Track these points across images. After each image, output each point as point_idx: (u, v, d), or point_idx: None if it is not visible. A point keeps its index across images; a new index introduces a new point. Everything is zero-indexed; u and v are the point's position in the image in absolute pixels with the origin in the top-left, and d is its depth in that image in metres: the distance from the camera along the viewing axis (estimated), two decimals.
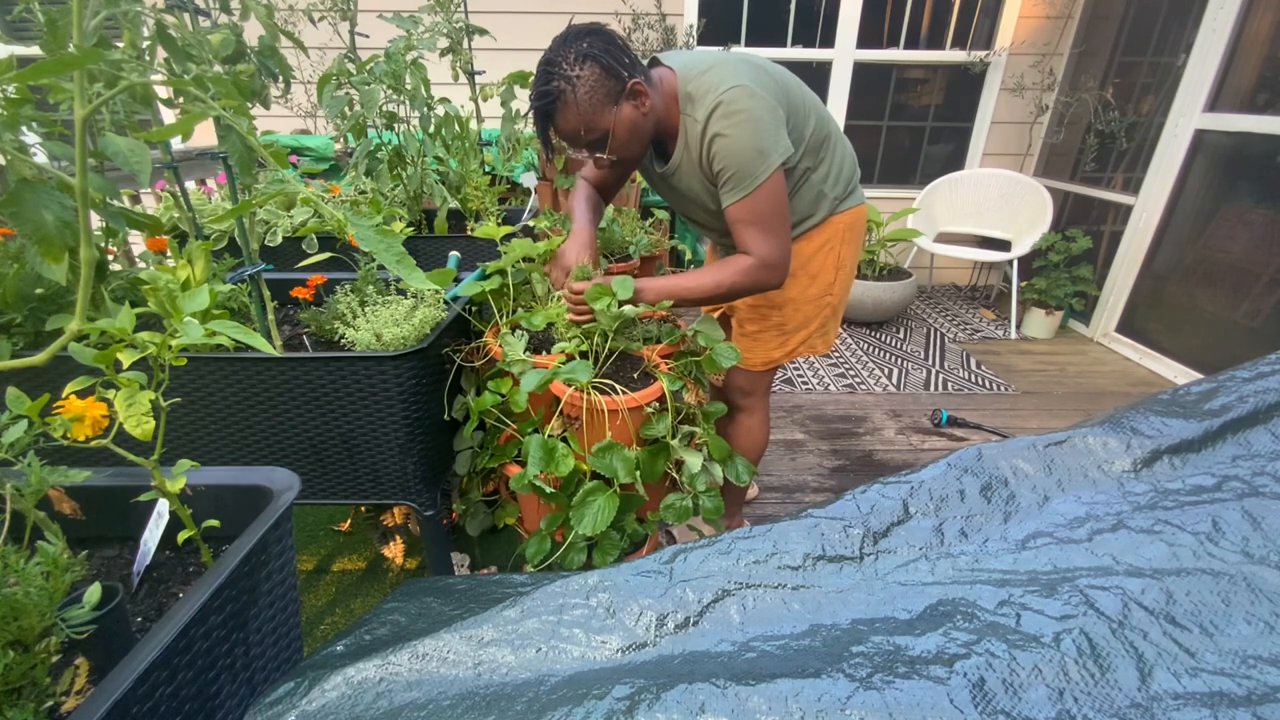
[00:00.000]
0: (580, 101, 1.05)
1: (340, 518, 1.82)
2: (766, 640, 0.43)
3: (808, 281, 1.37)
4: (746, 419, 1.55)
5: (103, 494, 0.79)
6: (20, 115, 0.82)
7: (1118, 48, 3.22)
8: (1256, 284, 2.51)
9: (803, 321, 1.41)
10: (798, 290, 1.37)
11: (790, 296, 1.38)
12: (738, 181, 1.13)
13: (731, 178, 1.13)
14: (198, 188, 2.20)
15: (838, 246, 1.35)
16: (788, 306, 1.39)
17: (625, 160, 1.19)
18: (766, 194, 1.13)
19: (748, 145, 1.10)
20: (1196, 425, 0.51)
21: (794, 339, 1.42)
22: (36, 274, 1.02)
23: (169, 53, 0.99)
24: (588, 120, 1.08)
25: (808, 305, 1.39)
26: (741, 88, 1.10)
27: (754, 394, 1.52)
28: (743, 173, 1.12)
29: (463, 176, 2.16)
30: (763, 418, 1.56)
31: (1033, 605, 0.40)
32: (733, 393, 1.54)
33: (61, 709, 0.59)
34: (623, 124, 1.10)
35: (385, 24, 1.95)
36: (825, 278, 1.37)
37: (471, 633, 0.49)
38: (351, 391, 1.12)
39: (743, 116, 1.09)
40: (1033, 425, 2.52)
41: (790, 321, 1.41)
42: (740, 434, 1.56)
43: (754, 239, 1.17)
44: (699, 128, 1.13)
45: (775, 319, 1.41)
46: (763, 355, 1.44)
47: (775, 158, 1.12)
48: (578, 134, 1.10)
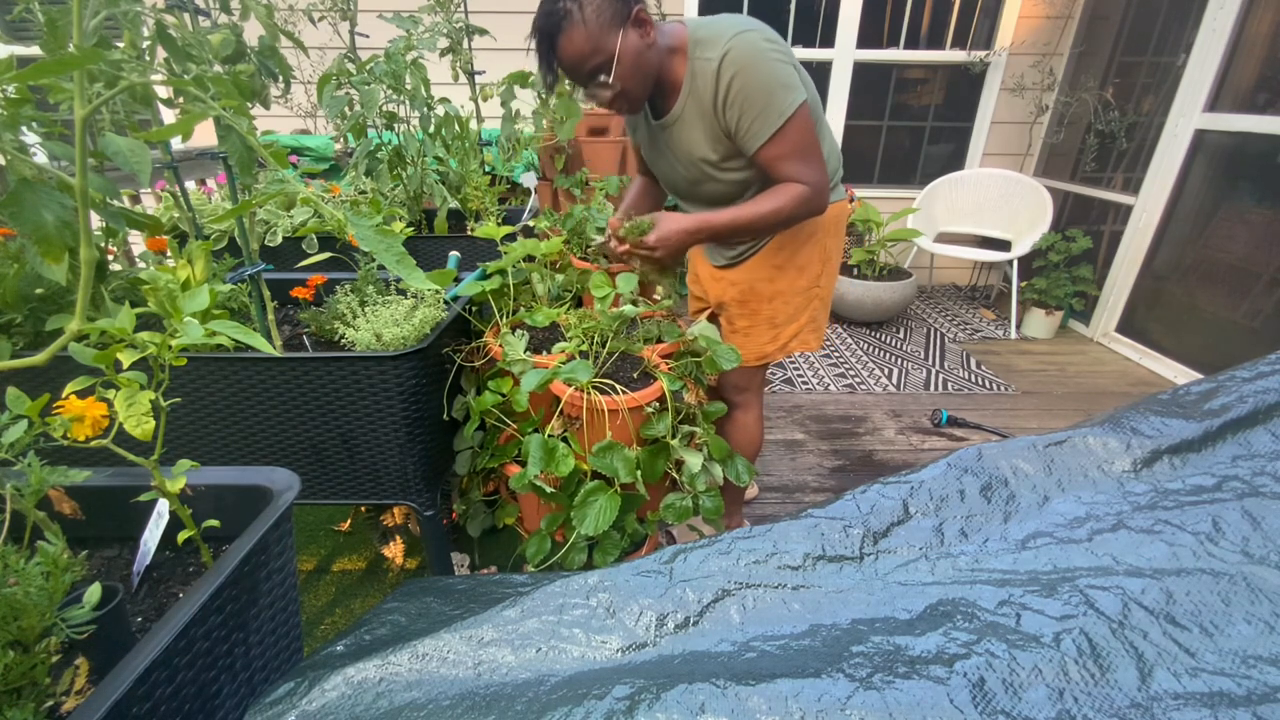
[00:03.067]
0: (588, 20, 1.04)
1: (340, 518, 1.82)
2: (766, 640, 0.43)
3: (795, 274, 1.38)
4: (742, 415, 1.56)
5: (103, 494, 0.79)
6: (20, 115, 0.82)
7: (1118, 48, 3.22)
8: (1256, 284, 2.51)
9: (792, 314, 1.42)
10: (786, 283, 1.38)
11: (779, 289, 1.39)
12: (765, 119, 1.10)
13: (758, 117, 1.10)
14: (198, 188, 2.20)
15: (824, 238, 1.36)
16: (777, 300, 1.40)
17: (628, 96, 1.14)
18: (799, 126, 1.11)
19: (771, 80, 1.08)
20: (1196, 425, 0.51)
21: (785, 332, 1.43)
22: (36, 274, 1.02)
23: (169, 53, 0.99)
24: (595, 41, 1.06)
25: (796, 297, 1.40)
26: (757, 31, 1.09)
27: (748, 389, 1.53)
28: (770, 108, 1.09)
29: (463, 176, 2.16)
30: (758, 414, 1.57)
31: (1033, 605, 0.40)
32: (727, 390, 1.54)
33: (61, 709, 0.59)
34: (628, 50, 1.08)
35: (385, 24, 1.95)
36: (813, 270, 1.38)
37: (471, 633, 0.49)
38: (351, 391, 1.12)
39: (762, 55, 1.08)
40: (1033, 425, 2.52)
41: (780, 314, 1.41)
42: (736, 431, 1.57)
43: (799, 169, 1.14)
44: (713, 66, 1.10)
45: (765, 313, 1.42)
46: (755, 350, 1.45)
47: (798, 95, 1.10)
48: (583, 57, 1.07)
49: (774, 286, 1.38)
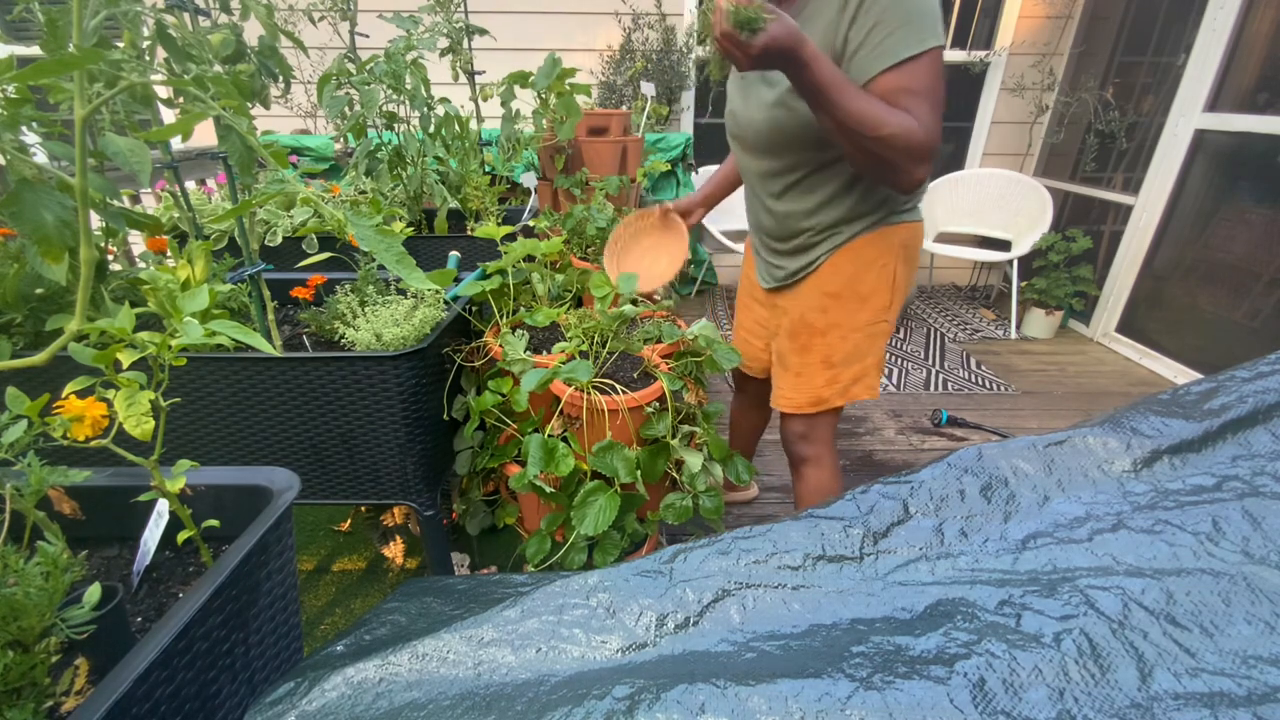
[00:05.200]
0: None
1: (340, 518, 1.82)
2: (766, 640, 0.43)
3: (857, 304, 1.16)
4: (814, 472, 1.31)
5: (103, 494, 0.79)
6: (20, 115, 0.82)
7: (1118, 48, 3.22)
8: (1256, 284, 2.51)
9: (852, 353, 1.19)
10: (844, 314, 1.16)
11: (835, 321, 1.17)
12: (902, 38, 0.91)
13: (894, 33, 0.91)
14: (198, 188, 2.20)
15: (893, 264, 1.15)
16: (832, 333, 1.19)
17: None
18: (933, 67, 0.93)
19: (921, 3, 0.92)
20: (1196, 425, 0.50)
21: (845, 374, 1.20)
22: (36, 274, 1.02)
23: (169, 53, 0.99)
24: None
25: (856, 334, 1.18)
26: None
27: (814, 441, 1.30)
28: (911, 28, 0.90)
29: (463, 176, 2.16)
30: (832, 470, 1.31)
31: (1033, 605, 0.40)
32: (792, 442, 1.33)
33: (61, 709, 0.59)
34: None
35: (385, 24, 1.95)
36: (878, 301, 1.16)
37: (471, 633, 0.49)
38: (351, 391, 1.12)
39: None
40: (1033, 425, 2.52)
41: (837, 353, 1.19)
42: (809, 493, 1.31)
43: (921, 109, 0.92)
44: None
45: (819, 349, 1.20)
46: (809, 394, 1.24)
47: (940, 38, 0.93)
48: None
49: (827, 318, 1.18)
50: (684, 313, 1.70)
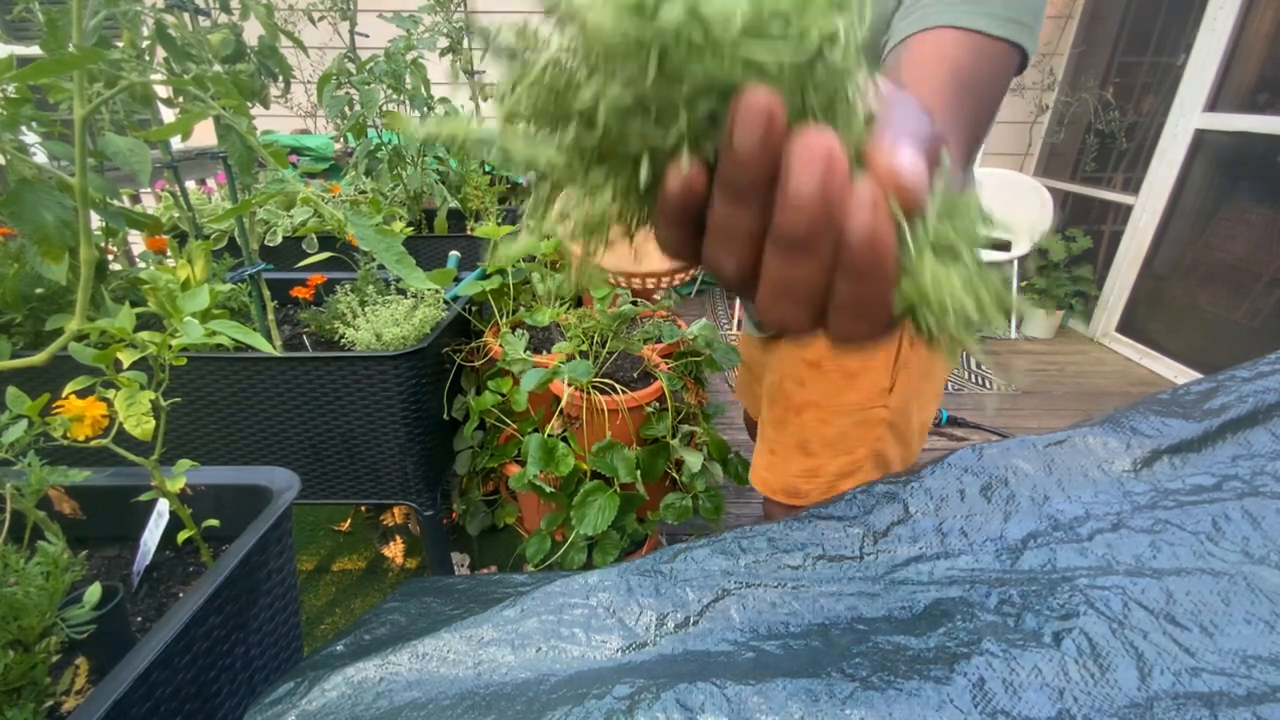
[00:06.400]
0: None
1: (340, 518, 1.82)
2: (766, 640, 0.43)
3: (842, 381, 0.87)
4: None
5: (103, 494, 0.79)
6: (20, 115, 0.82)
7: (1118, 48, 3.22)
8: (1256, 284, 2.51)
9: (836, 441, 0.91)
10: (823, 391, 0.89)
11: (812, 399, 0.90)
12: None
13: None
14: (198, 188, 2.20)
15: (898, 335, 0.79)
16: (808, 413, 0.91)
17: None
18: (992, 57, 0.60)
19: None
20: (1196, 425, 0.50)
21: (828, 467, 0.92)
22: (36, 274, 1.02)
23: (169, 52, 0.99)
24: None
25: (841, 419, 0.89)
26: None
27: None
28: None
29: (463, 176, 2.16)
30: None
31: (1033, 605, 0.40)
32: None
33: (61, 709, 0.59)
34: None
35: (385, 24, 1.95)
36: (871, 381, 0.86)
37: (471, 632, 0.49)
38: (351, 391, 1.12)
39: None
40: (1033, 425, 2.52)
41: (814, 438, 0.91)
42: None
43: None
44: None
45: (794, 429, 0.93)
46: (783, 480, 0.95)
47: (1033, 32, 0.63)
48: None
49: (804, 393, 0.90)
50: (684, 313, 1.70)
